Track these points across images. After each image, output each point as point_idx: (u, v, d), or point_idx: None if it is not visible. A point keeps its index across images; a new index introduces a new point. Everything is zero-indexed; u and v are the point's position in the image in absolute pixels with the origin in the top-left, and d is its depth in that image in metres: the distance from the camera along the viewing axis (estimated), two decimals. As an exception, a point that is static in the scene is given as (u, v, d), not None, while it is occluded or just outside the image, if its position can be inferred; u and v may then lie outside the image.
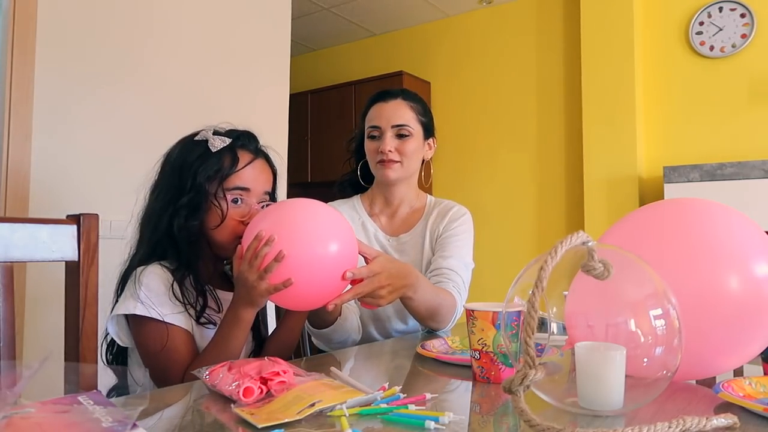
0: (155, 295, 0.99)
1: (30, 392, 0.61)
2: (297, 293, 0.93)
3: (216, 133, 1.08)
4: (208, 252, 1.08)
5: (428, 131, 1.50)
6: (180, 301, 1.00)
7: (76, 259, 1.02)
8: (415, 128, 1.45)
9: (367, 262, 1.04)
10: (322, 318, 1.18)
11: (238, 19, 2.59)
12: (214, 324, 1.03)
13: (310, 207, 0.98)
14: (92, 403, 0.62)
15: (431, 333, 1.34)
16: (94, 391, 0.66)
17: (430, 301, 1.22)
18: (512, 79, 3.78)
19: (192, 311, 1.02)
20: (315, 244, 0.93)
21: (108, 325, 1.03)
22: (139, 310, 0.97)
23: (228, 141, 1.06)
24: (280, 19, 2.81)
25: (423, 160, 1.52)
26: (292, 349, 1.11)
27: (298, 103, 4.25)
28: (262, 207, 1.07)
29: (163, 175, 1.09)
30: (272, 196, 1.12)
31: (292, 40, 2.91)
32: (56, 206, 1.93)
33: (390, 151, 1.41)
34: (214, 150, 1.04)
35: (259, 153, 1.11)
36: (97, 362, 1.03)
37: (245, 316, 0.96)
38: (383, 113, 1.44)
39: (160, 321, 0.97)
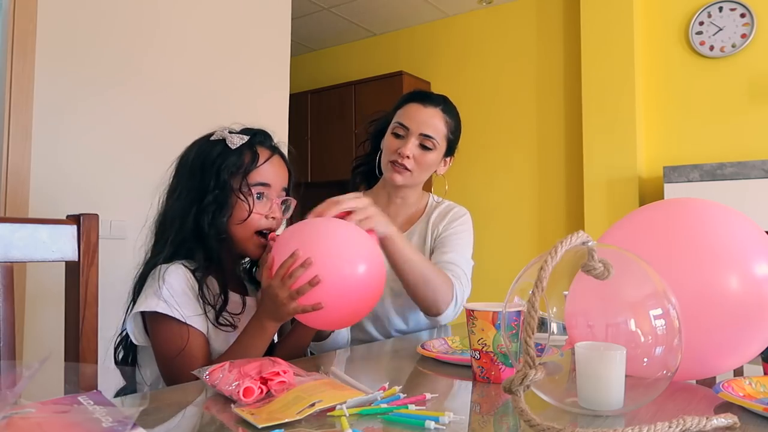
0: (178, 295, 0.97)
1: (30, 392, 0.61)
2: (324, 315, 0.94)
3: (231, 132, 1.08)
4: (229, 250, 1.07)
5: (450, 150, 1.47)
6: (203, 302, 0.99)
7: (76, 259, 1.02)
8: (441, 144, 1.41)
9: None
10: (317, 334, 1.18)
11: (238, 19, 2.59)
12: (233, 326, 1.03)
13: (347, 232, 0.98)
14: (92, 403, 0.62)
15: (433, 330, 1.34)
16: (94, 391, 0.66)
17: (417, 264, 1.19)
18: (512, 79, 3.78)
19: (211, 313, 1.01)
20: (349, 273, 0.93)
21: (126, 323, 1.02)
22: (161, 308, 0.95)
23: (246, 138, 1.06)
24: (280, 19, 2.81)
25: (435, 172, 1.50)
26: (301, 354, 1.11)
27: (298, 103, 4.25)
28: (282, 202, 1.09)
29: (180, 178, 1.08)
30: (288, 192, 1.13)
31: (292, 40, 2.91)
32: (56, 206, 1.93)
33: (408, 156, 1.38)
34: (233, 147, 1.04)
35: (276, 150, 1.11)
36: (97, 362, 1.03)
37: (269, 328, 0.96)
38: (417, 116, 1.40)
39: (182, 322, 0.96)
